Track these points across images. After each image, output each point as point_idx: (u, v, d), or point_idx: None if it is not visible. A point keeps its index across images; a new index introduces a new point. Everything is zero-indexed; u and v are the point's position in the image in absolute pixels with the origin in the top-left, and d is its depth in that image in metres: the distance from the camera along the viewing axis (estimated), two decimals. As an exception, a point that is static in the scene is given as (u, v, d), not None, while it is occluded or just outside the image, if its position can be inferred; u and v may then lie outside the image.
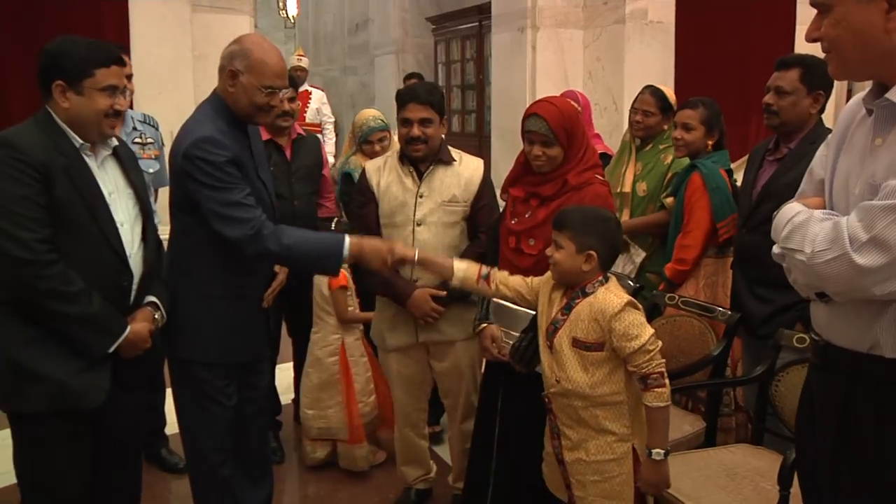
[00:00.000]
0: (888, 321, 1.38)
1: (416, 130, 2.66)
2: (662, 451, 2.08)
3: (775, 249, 1.55)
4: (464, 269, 2.36)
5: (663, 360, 2.07)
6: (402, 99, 2.71)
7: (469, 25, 9.16)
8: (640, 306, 2.13)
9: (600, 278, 2.15)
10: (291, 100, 3.30)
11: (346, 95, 11.99)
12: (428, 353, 2.85)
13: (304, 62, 7.71)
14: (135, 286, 2.21)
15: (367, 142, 3.60)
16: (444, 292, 2.68)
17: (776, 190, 2.67)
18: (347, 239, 2.31)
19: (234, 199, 2.22)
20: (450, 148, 2.81)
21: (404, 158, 2.74)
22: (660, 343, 2.07)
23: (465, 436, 2.85)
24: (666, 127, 3.62)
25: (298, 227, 2.49)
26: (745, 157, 6.51)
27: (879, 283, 1.31)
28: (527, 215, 2.48)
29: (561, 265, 2.15)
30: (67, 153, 2.07)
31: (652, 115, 3.59)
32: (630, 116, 3.70)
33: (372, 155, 3.55)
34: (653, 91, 3.66)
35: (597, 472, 2.14)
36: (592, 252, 2.11)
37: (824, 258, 1.36)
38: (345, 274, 3.25)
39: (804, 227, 1.43)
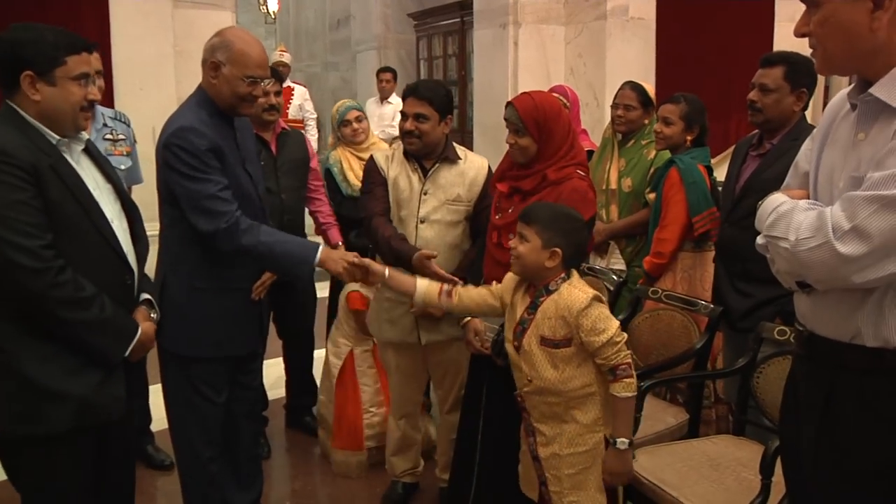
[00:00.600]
0: (868, 311, 1.42)
1: (409, 124, 2.69)
2: (627, 441, 2.10)
3: (759, 240, 1.59)
4: (425, 286, 2.36)
5: (629, 352, 2.10)
6: (404, 94, 2.76)
7: (451, 21, 9.19)
8: (604, 300, 2.15)
9: (563, 275, 2.16)
10: (277, 94, 3.30)
11: (328, 91, 11.97)
12: (427, 350, 2.87)
13: (287, 58, 7.70)
14: (136, 283, 2.17)
15: (344, 122, 3.65)
16: (435, 254, 2.62)
17: (759, 185, 2.71)
18: (320, 248, 2.34)
19: (210, 192, 2.23)
20: (455, 145, 2.82)
21: (408, 154, 2.77)
22: (625, 335, 2.10)
23: (452, 427, 2.87)
24: (647, 122, 3.67)
25: (284, 223, 2.51)
26: (727, 153, 6.64)
27: (859, 272, 1.35)
28: (509, 210, 2.51)
29: (524, 258, 2.15)
30: (48, 151, 1.93)
31: (633, 109, 3.63)
32: (611, 112, 3.73)
33: (352, 137, 3.59)
34: (633, 86, 3.70)
35: (571, 464, 2.16)
36: (557, 249, 2.12)
37: (808, 245, 1.39)
38: (362, 296, 3.28)
39: (789, 215, 1.46)
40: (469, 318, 2.59)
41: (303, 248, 2.36)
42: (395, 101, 7.69)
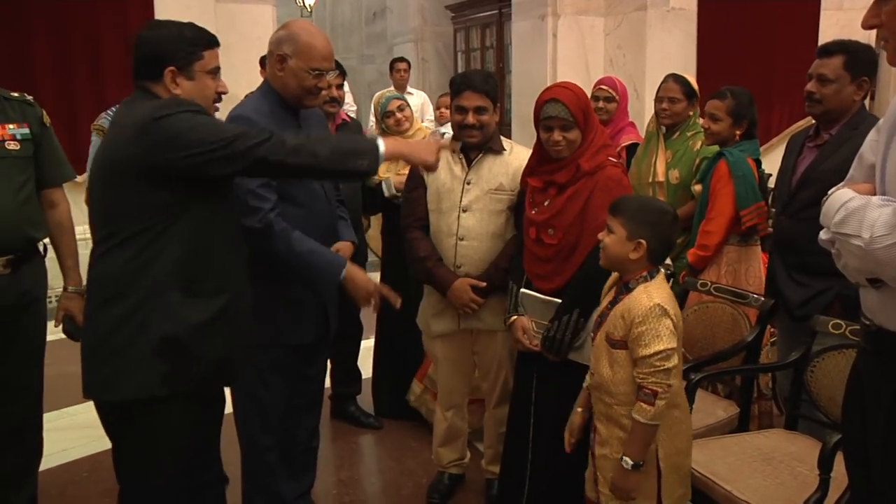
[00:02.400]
0: None
1: (470, 118, 2.67)
2: (631, 462, 2.03)
3: (823, 235, 1.56)
4: None
5: (666, 382, 2.00)
6: (458, 87, 2.71)
7: (489, 13, 9.16)
8: (669, 310, 2.04)
9: (645, 273, 2.11)
10: (339, 87, 3.31)
11: (364, 84, 12.00)
12: (471, 338, 2.88)
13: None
14: None
15: (387, 114, 3.65)
16: (485, 283, 2.71)
17: (816, 176, 2.66)
18: (347, 266, 2.38)
19: (249, 187, 2.25)
20: (501, 137, 2.82)
21: (456, 149, 2.76)
22: (669, 364, 1.99)
23: (500, 420, 2.88)
24: (691, 113, 3.64)
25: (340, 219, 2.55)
26: (769, 144, 6.56)
27: None
28: (545, 204, 2.50)
29: (609, 249, 2.13)
30: None
31: (678, 101, 3.60)
32: (655, 105, 3.70)
33: (396, 127, 3.59)
34: (676, 78, 3.67)
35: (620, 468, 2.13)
36: (642, 241, 2.08)
37: (884, 243, 1.36)
38: None
39: (861, 212, 1.43)
40: (515, 316, 2.59)
41: (329, 265, 2.39)
42: (415, 93, 7.65)
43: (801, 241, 2.67)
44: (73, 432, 3.59)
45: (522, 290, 2.58)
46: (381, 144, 2.00)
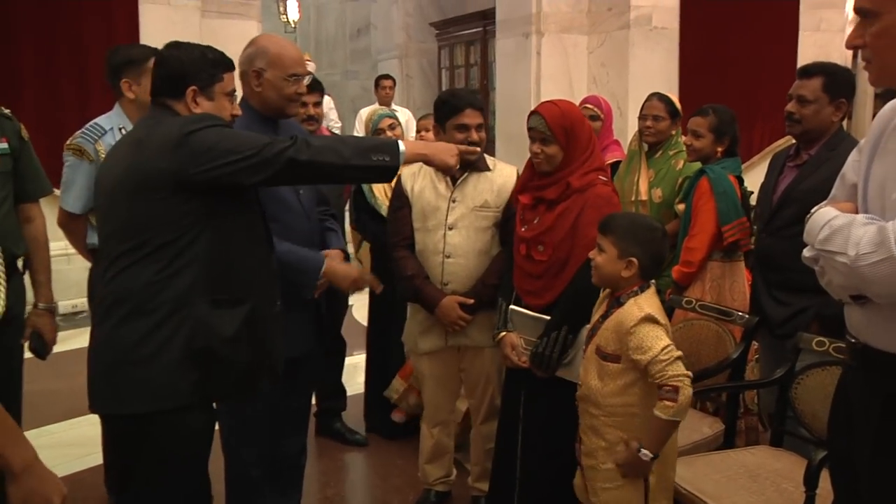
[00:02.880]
0: None
1: (474, 135, 2.71)
2: (650, 455, 2.07)
3: (807, 252, 1.58)
4: None
5: (680, 374, 2.04)
6: (457, 105, 2.72)
7: (473, 31, 9.21)
8: (660, 319, 2.10)
9: (636, 288, 2.16)
10: (317, 104, 3.32)
11: (348, 100, 12.01)
12: (458, 355, 2.89)
13: (312, 67, 7.72)
14: None
15: (377, 131, 3.65)
16: (472, 300, 2.73)
17: (796, 195, 2.71)
18: (325, 261, 2.43)
19: None
20: (485, 156, 2.85)
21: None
22: (676, 353, 2.05)
23: (486, 437, 2.89)
24: (674, 132, 3.68)
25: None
26: (751, 161, 6.63)
27: None
28: (535, 221, 2.52)
29: (601, 269, 2.17)
30: None
31: (662, 119, 3.65)
32: (639, 123, 3.74)
33: None
34: (660, 97, 3.72)
35: (607, 479, 2.17)
36: (633, 259, 2.13)
37: (869, 261, 1.38)
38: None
39: (846, 230, 1.45)
40: (504, 332, 2.60)
41: (307, 259, 2.43)
42: (399, 110, 7.67)
43: (782, 259, 2.72)
44: (53, 451, 3.52)
45: (511, 306, 2.59)
46: (401, 144, 2.05)
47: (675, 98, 3.76)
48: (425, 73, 10.32)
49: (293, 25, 12.07)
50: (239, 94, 2.41)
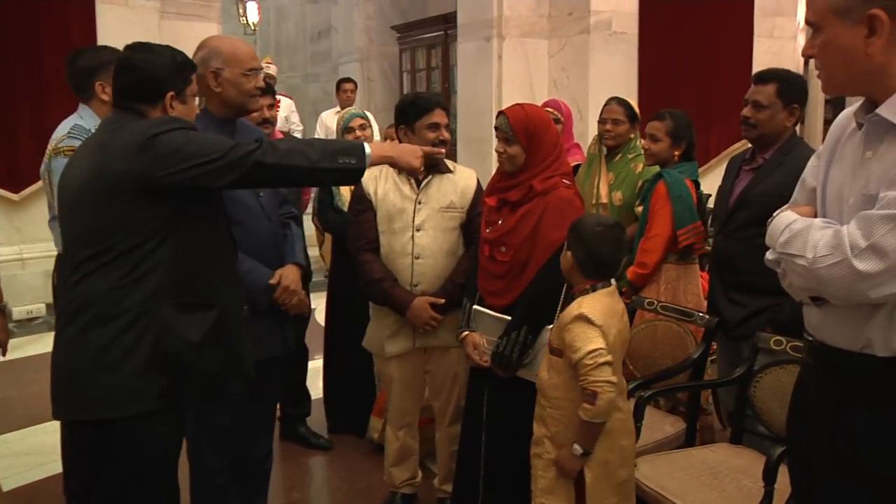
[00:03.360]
0: (879, 322, 1.46)
1: (445, 133, 2.78)
2: (580, 450, 2.17)
3: (769, 255, 1.62)
4: None
5: (601, 380, 2.09)
6: (426, 105, 2.77)
7: (434, 34, 9.24)
8: (594, 320, 2.13)
9: (587, 287, 2.22)
10: (270, 107, 3.31)
11: (309, 103, 11.96)
12: (424, 356, 2.91)
13: (273, 69, 7.70)
14: None
15: (348, 130, 3.65)
16: (443, 300, 2.75)
17: (752, 199, 2.78)
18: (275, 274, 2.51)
19: None
20: (445, 159, 2.88)
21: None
22: (603, 359, 2.09)
23: (452, 438, 2.90)
24: (633, 136, 3.75)
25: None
26: (708, 165, 6.76)
27: (876, 288, 1.39)
28: (499, 223, 2.55)
29: (562, 266, 2.28)
30: None
31: (621, 123, 3.71)
32: (599, 127, 3.79)
33: None
34: (619, 101, 3.78)
35: (546, 468, 2.26)
36: (568, 253, 2.23)
37: (826, 263, 1.43)
38: None
39: (805, 233, 1.50)
40: (467, 331, 2.62)
41: (260, 280, 2.47)
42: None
43: (738, 261, 2.80)
44: (9, 460, 3.46)
45: (475, 306, 2.61)
46: (367, 146, 2.06)
47: (633, 102, 3.82)
48: (386, 77, 10.32)
49: (253, 28, 11.99)
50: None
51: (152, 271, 1.90)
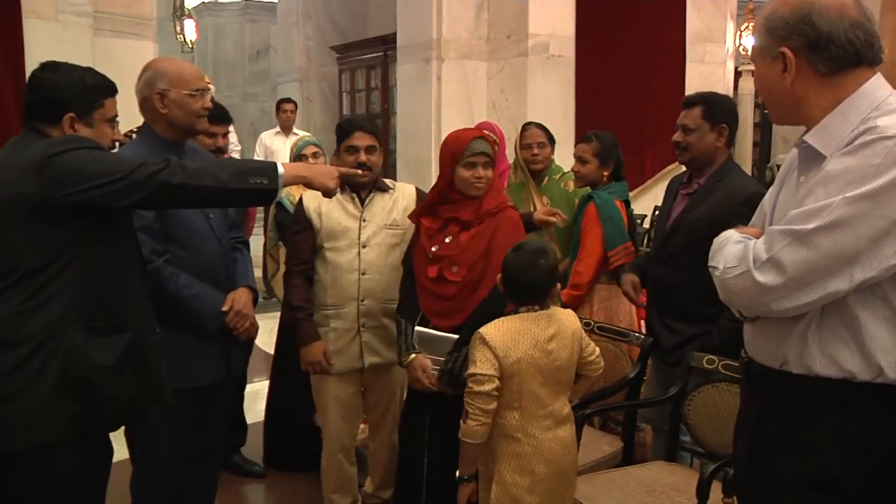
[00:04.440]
0: (794, 340, 1.52)
1: (363, 156, 2.77)
2: (459, 475, 2.25)
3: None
4: None
5: (477, 405, 2.16)
6: (348, 128, 2.82)
7: (374, 55, 9.24)
8: (489, 342, 2.16)
9: (512, 309, 2.26)
10: (225, 135, 3.25)
11: (247, 123, 11.86)
12: (361, 375, 2.91)
13: (212, 89, 7.59)
14: None
15: (300, 157, 3.58)
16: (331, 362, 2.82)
17: (685, 224, 2.83)
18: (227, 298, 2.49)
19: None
20: (385, 180, 2.93)
21: (345, 186, 2.79)
22: (482, 388, 2.14)
23: (393, 446, 2.96)
24: (552, 157, 3.82)
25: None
26: (643, 186, 6.91)
27: (777, 301, 1.45)
28: (447, 241, 2.55)
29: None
30: None
31: (545, 145, 3.79)
32: (523, 153, 3.80)
33: None
34: (537, 125, 3.87)
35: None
36: (499, 276, 2.27)
37: (732, 274, 1.50)
38: None
39: (724, 247, 1.57)
40: (413, 355, 2.59)
41: (211, 303, 2.44)
42: (300, 134, 7.61)
43: (672, 287, 2.86)
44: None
45: (417, 327, 2.59)
46: (280, 165, 2.02)
47: (571, 124, 3.90)
48: (326, 97, 10.28)
49: (191, 46, 11.83)
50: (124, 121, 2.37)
51: (58, 294, 1.84)
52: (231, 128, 8.16)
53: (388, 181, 2.94)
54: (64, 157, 1.81)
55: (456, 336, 2.50)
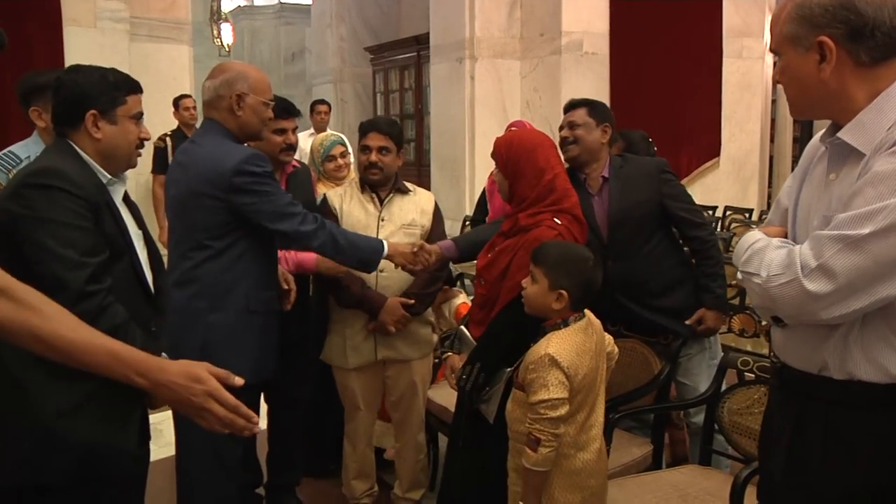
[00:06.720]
0: (835, 345, 1.46)
1: (373, 156, 2.81)
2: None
3: (739, 275, 1.63)
4: None
5: (547, 431, 2.01)
6: (364, 128, 2.87)
7: (407, 55, 9.28)
8: (561, 362, 2.02)
9: (559, 321, 2.10)
10: (294, 130, 3.20)
11: (283, 124, 11.94)
12: (383, 369, 2.94)
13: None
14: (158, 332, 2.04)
15: (329, 158, 3.52)
16: (413, 301, 2.79)
17: (620, 218, 2.92)
18: (385, 242, 2.62)
19: (288, 200, 2.41)
20: (404, 182, 2.96)
21: (365, 185, 2.87)
22: (555, 413, 2.00)
23: (419, 447, 2.99)
24: None
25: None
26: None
27: (826, 308, 1.39)
28: (488, 254, 2.52)
29: (530, 299, 2.13)
30: (101, 189, 1.90)
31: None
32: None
33: (336, 172, 3.53)
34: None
35: (514, 499, 2.20)
36: (563, 292, 2.08)
37: (778, 282, 1.43)
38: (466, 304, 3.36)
39: (762, 252, 1.50)
40: (449, 353, 2.60)
41: (373, 243, 2.60)
42: (329, 132, 7.59)
43: (635, 274, 2.92)
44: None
45: (461, 327, 2.58)
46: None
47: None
48: (360, 98, 10.34)
49: (227, 49, 11.98)
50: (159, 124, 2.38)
51: None
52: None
53: (407, 184, 2.97)
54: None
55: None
